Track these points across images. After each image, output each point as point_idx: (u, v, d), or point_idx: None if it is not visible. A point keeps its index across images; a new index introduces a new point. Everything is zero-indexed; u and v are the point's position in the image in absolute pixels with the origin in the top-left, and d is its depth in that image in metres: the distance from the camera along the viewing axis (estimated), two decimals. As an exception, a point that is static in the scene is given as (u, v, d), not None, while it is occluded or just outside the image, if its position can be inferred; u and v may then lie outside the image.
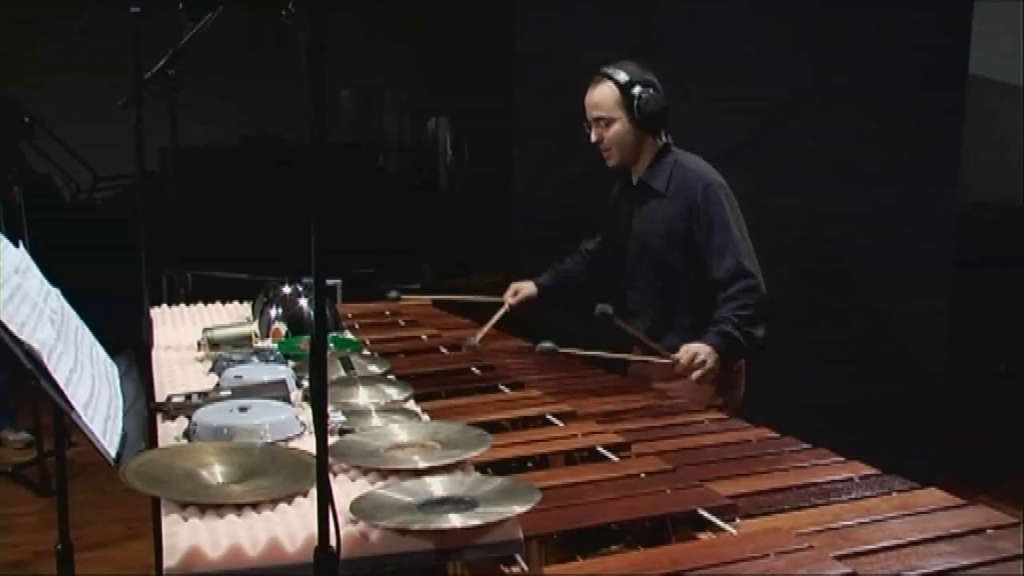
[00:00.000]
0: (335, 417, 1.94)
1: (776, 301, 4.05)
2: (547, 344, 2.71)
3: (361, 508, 1.51)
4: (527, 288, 3.16)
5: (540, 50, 4.03)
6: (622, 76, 2.76)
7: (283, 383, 2.09)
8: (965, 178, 4.24)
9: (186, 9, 2.83)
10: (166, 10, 2.73)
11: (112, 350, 2.15)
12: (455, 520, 1.48)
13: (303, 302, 2.70)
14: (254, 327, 2.62)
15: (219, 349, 2.47)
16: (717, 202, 2.77)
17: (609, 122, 2.79)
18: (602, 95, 2.79)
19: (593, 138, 2.83)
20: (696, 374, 2.65)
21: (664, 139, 2.87)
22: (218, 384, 2.16)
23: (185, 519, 1.52)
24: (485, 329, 3.04)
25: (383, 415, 2.02)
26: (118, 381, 2.04)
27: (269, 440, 1.82)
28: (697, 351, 2.66)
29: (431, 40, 7.12)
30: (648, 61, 3.99)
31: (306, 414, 1.91)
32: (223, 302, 3.13)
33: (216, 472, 1.66)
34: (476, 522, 1.47)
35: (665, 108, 2.80)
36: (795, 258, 4.09)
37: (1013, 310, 4.77)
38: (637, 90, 2.75)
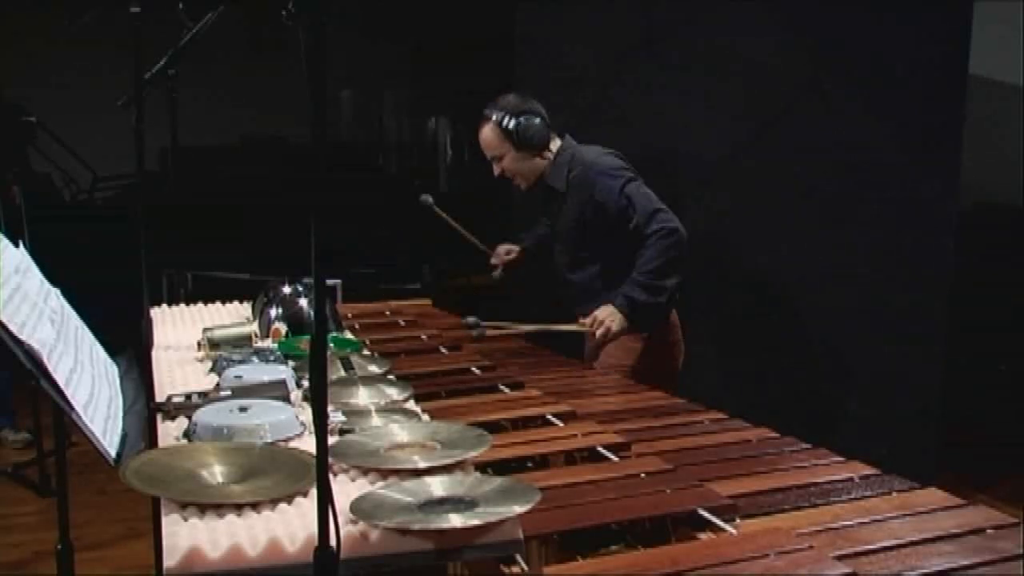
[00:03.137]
0: (335, 417, 1.94)
1: (774, 299, 4.06)
2: (471, 319, 2.93)
3: (361, 508, 1.51)
4: (516, 250, 3.46)
5: (540, 50, 4.03)
6: (497, 114, 3.02)
7: (283, 383, 2.09)
8: (965, 178, 4.23)
9: (186, 9, 2.83)
10: (166, 10, 2.72)
11: (112, 350, 2.15)
12: (455, 520, 1.48)
13: (303, 302, 2.70)
14: (254, 327, 2.62)
15: (219, 349, 2.47)
16: (614, 190, 2.96)
17: (500, 157, 3.06)
18: (485, 136, 3.06)
19: (496, 172, 3.11)
20: (598, 333, 2.94)
21: (555, 146, 3.08)
22: (218, 384, 2.16)
23: (185, 519, 1.52)
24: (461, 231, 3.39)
25: (383, 415, 2.02)
26: (118, 381, 2.04)
27: (269, 440, 1.82)
28: (597, 314, 2.95)
29: (431, 40, 7.11)
30: (648, 61, 4.01)
31: (306, 414, 1.91)
32: (223, 302, 3.13)
33: (216, 472, 1.66)
34: (476, 522, 1.47)
35: (544, 130, 3.03)
36: (794, 257, 4.09)
37: (1013, 310, 4.77)
38: (512, 124, 2.99)
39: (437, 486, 1.61)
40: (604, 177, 2.98)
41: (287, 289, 2.74)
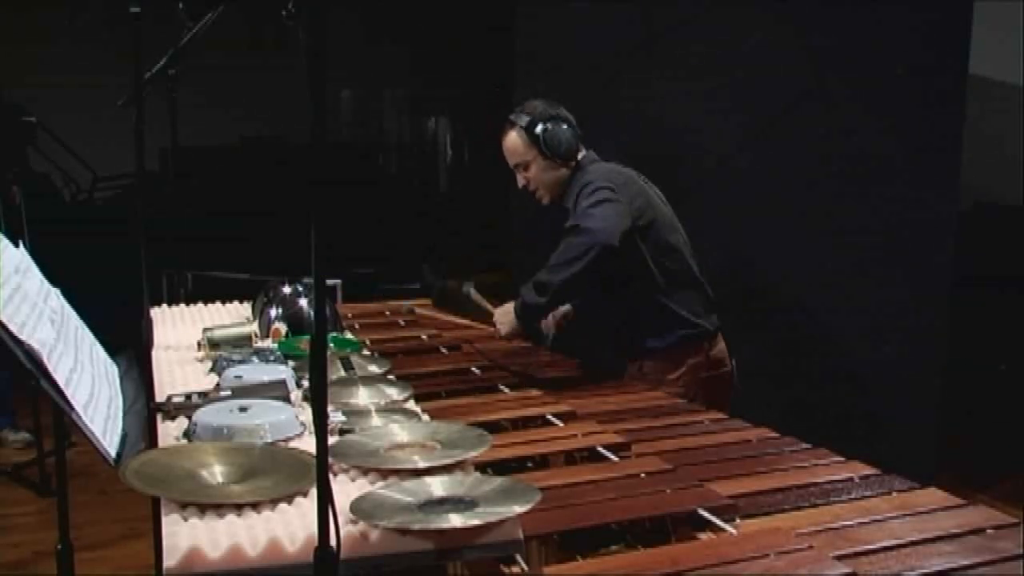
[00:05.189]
0: (335, 417, 1.94)
1: (775, 299, 4.05)
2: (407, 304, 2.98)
3: (361, 508, 1.51)
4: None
5: (540, 50, 4.03)
6: (524, 119, 2.84)
7: (283, 383, 2.09)
8: (965, 178, 4.24)
9: (186, 9, 2.83)
10: (166, 10, 2.73)
11: (112, 350, 2.15)
12: (455, 520, 1.48)
13: (303, 302, 2.70)
14: (254, 327, 2.62)
15: (219, 349, 2.47)
16: (583, 197, 2.75)
17: (526, 165, 2.86)
18: (512, 142, 2.87)
19: (520, 183, 2.92)
20: (498, 331, 2.84)
21: (579, 158, 2.89)
22: (218, 384, 2.16)
23: (185, 519, 1.52)
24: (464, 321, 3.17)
25: (383, 415, 2.02)
26: (118, 381, 2.04)
27: (269, 440, 1.82)
28: (498, 313, 2.85)
29: (431, 40, 7.12)
30: (647, 61, 4.01)
31: (306, 414, 1.91)
32: (223, 302, 3.13)
33: (216, 472, 1.66)
34: (476, 522, 1.47)
35: (573, 138, 2.85)
36: (794, 256, 4.10)
37: (1013, 310, 4.77)
38: (539, 128, 2.81)
39: (437, 486, 1.61)
40: (588, 188, 2.76)
41: (287, 289, 2.74)
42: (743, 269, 4.12)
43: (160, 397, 2.12)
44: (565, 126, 2.84)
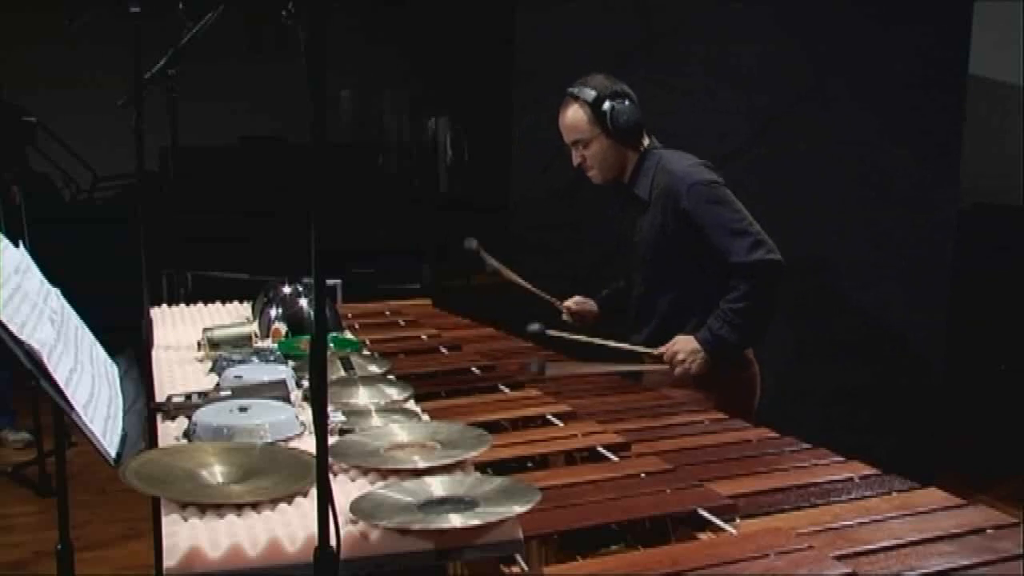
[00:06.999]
0: (335, 417, 1.94)
1: (776, 301, 4.04)
2: (535, 326, 2.67)
3: (361, 508, 1.51)
4: (589, 303, 3.08)
5: (540, 50, 4.04)
6: (589, 94, 2.72)
7: (283, 383, 2.09)
8: (965, 178, 4.24)
9: (186, 9, 2.83)
10: (166, 10, 2.73)
11: (112, 350, 2.15)
12: (455, 520, 1.47)
13: (303, 302, 2.70)
14: (254, 327, 2.62)
15: (219, 349, 2.47)
16: (705, 203, 2.68)
17: (586, 142, 2.75)
18: (574, 117, 2.75)
19: (575, 160, 2.80)
20: (677, 371, 2.66)
21: (645, 143, 2.81)
22: (218, 384, 2.16)
23: (185, 519, 1.52)
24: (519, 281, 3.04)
25: (383, 415, 2.02)
26: (118, 381, 2.04)
27: (269, 440, 1.82)
28: (676, 349, 2.66)
29: (431, 41, 7.12)
30: (648, 61, 4.01)
31: (306, 414, 1.91)
32: (223, 302, 3.13)
33: (216, 472, 1.66)
34: (476, 522, 1.47)
35: (640, 116, 2.75)
36: (794, 258, 4.09)
37: (1013, 310, 4.77)
38: (607, 105, 2.70)
39: (437, 486, 1.61)
40: (696, 189, 2.67)
41: (287, 289, 2.74)
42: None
43: (160, 397, 2.12)
44: (629, 103, 2.72)
